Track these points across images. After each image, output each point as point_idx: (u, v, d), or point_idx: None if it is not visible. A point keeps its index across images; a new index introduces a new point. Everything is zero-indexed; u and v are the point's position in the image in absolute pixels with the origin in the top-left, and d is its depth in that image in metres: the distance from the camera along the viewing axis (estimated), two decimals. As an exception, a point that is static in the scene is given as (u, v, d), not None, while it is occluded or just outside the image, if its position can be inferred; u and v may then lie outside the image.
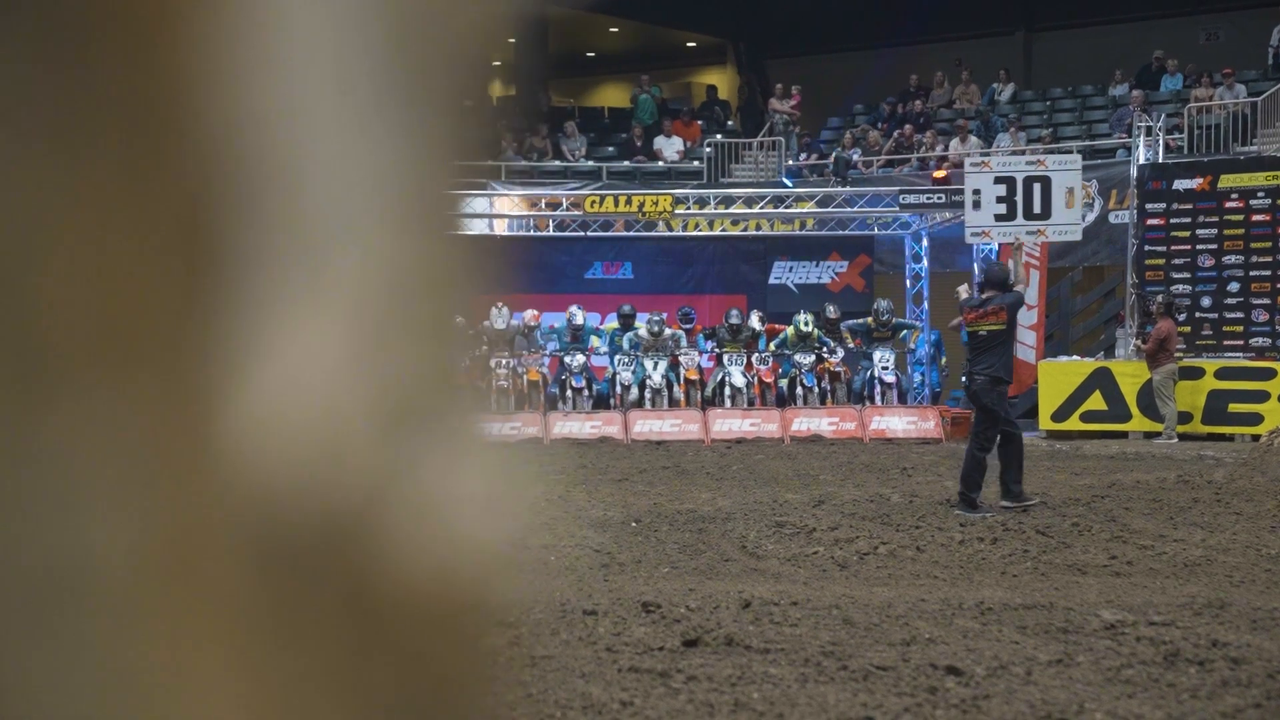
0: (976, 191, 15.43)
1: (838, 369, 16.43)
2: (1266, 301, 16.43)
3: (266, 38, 0.53)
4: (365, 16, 0.55)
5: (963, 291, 14.18)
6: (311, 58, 0.54)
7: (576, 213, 17.37)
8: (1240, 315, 16.54)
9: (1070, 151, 19.79)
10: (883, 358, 16.35)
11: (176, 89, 0.52)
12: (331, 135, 0.55)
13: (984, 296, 9.31)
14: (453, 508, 0.56)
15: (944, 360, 18.63)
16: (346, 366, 0.54)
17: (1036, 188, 15.30)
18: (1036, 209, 15.19)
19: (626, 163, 22.12)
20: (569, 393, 16.32)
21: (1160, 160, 17.51)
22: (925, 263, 18.16)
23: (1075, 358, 16.80)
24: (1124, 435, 15.45)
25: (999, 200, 15.28)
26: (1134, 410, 15.59)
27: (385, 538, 0.54)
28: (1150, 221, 17.04)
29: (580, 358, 16.41)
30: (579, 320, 16.60)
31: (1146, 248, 16.99)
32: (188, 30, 0.52)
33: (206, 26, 0.52)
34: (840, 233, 18.23)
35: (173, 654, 0.51)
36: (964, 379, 9.12)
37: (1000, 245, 15.74)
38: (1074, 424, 15.69)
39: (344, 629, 0.54)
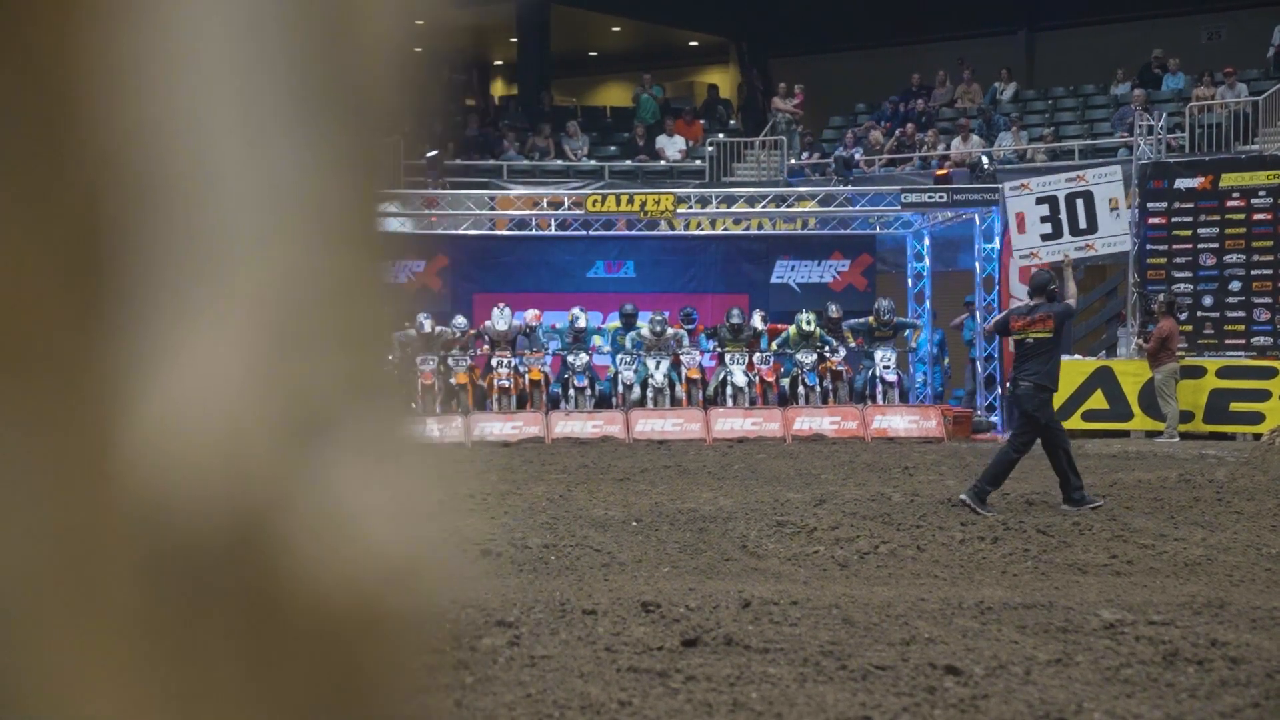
0: (1019, 215, 15.35)
1: (839, 368, 16.43)
2: (1268, 300, 16.42)
3: (167, 47, 0.53)
4: (272, 26, 0.54)
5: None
6: (214, 67, 0.54)
7: (578, 212, 17.38)
8: (1242, 314, 16.53)
9: (1072, 152, 19.82)
10: (884, 357, 16.35)
11: (72, 98, 0.51)
12: (237, 144, 0.54)
13: (1032, 304, 9.29)
14: (360, 516, 0.55)
15: (946, 361, 18.64)
16: (249, 376, 0.53)
17: (1079, 203, 15.26)
18: (1082, 224, 15.14)
19: (628, 162, 22.13)
20: (571, 392, 16.33)
21: (1162, 159, 17.50)
22: (927, 262, 18.16)
23: (1077, 357, 16.79)
24: (1126, 434, 15.45)
25: (1043, 220, 15.23)
26: (1136, 409, 15.59)
27: (288, 547, 0.53)
28: (1152, 220, 17.03)
29: (583, 357, 16.42)
30: (581, 323, 16.61)
31: (1148, 246, 16.98)
32: (83, 40, 0.51)
33: (103, 36, 0.52)
34: (842, 232, 18.23)
35: (66, 665, 0.51)
36: (1009, 384, 9.08)
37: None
38: (1076, 423, 15.68)
39: (246, 639, 0.53)
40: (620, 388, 16.34)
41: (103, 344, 0.52)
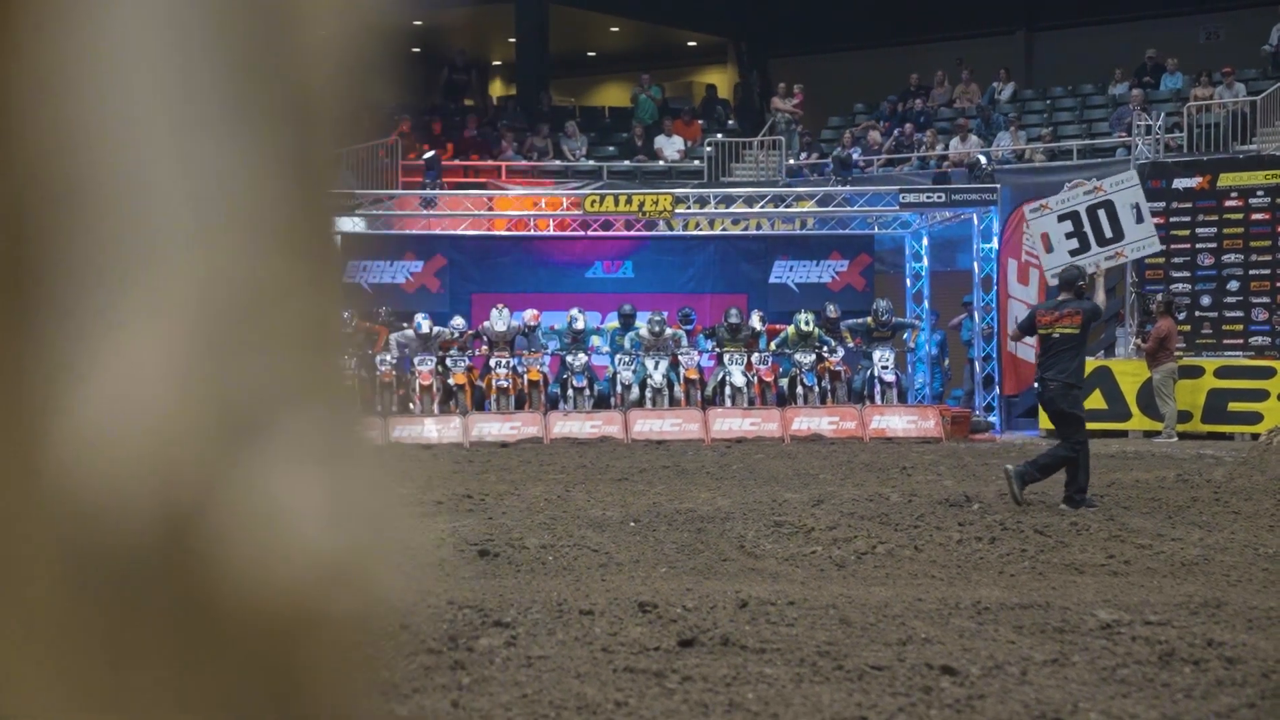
0: (1044, 235, 15.31)
1: (838, 368, 16.44)
2: (1266, 300, 16.43)
3: (95, 50, 0.52)
4: (203, 27, 0.54)
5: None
6: (144, 69, 0.53)
7: (577, 212, 17.38)
8: (1240, 314, 16.54)
9: (1070, 152, 19.83)
10: (883, 357, 16.35)
11: None
12: (167, 147, 0.54)
13: (1060, 299, 9.26)
14: (293, 518, 0.55)
15: (946, 362, 18.65)
16: (179, 378, 0.53)
17: (1101, 214, 15.25)
18: (1108, 234, 15.13)
19: (627, 162, 22.13)
20: (570, 392, 16.33)
21: (1160, 159, 17.50)
22: (925, 262, 18.17)
23: (1075, 357, 16.77)
24: (1124, 434, 15.46)
25: (1068, 236, 15.20)
26: (1134, 409, 15.60)
27: (217, 549, 0.53)
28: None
29: (582, 357, 16.42)
30: (580, 325, 16.61)
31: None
32: (8, 43, 0.51)
33: (29, 39, 0.51)
34: (841, 232, 18.24)
35: None
36: (1036, 385, 9.05)
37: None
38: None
39: (174, 640, 0.53)
40: (619, 388, 16.35)
41: (31, 347, 0.52)
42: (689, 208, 17.63)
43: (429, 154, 19.36)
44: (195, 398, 0.53)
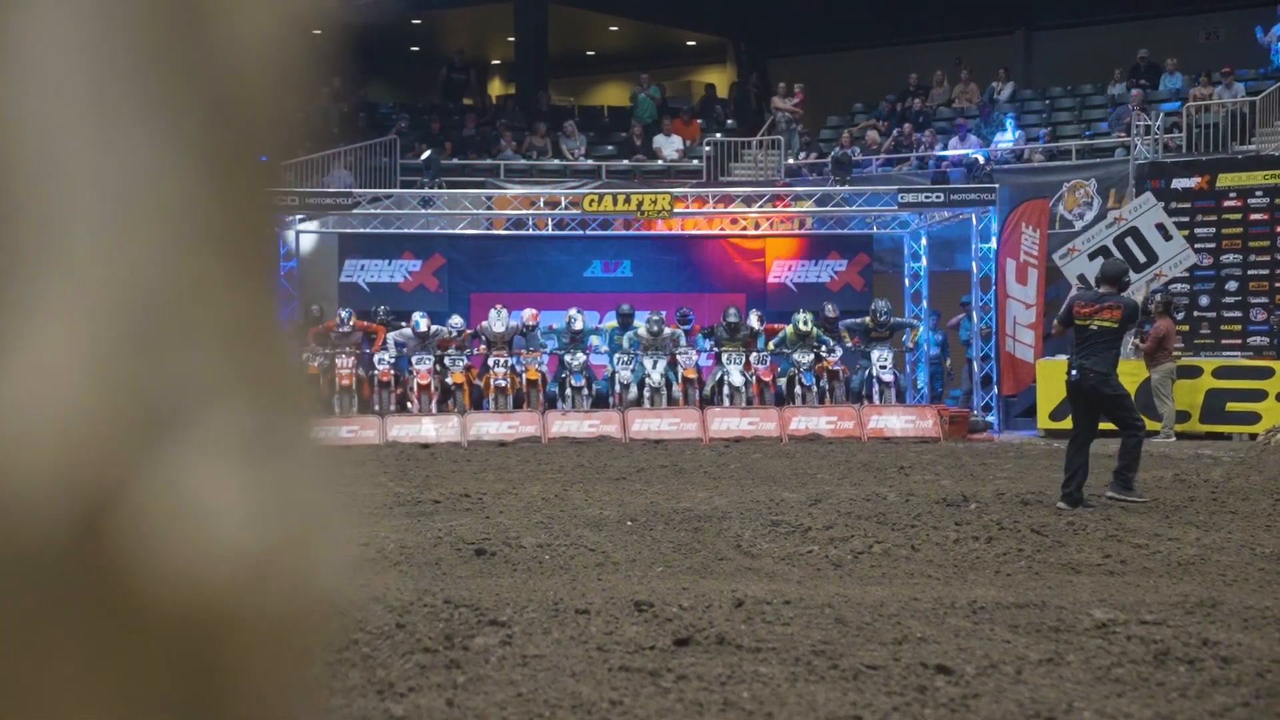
0: (1080, 277, 15.31)
1: (836, 368, 16.44)
2: (1264, 300, 16.44)
3: (13, 43, 0.52)
4: (124, 21, 0.54)
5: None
6: (63, 63, 0.53)
7: (575, 211, 17.39)
8: (1238, 314, 16.55)
9: (1069, 152, 19.84)
10: (881, 357, 16.36)
11: None
12: (86, 140, 0.54)
13: (1100, 291, 9.20)
14: (211, 514, 0.54)
15: (948, 362, 18.66)
16: (93, 372, 0.53)
17: (1130, 241, 15.30)
18: (1141, 258, 15.16)
19: (626, 161, 22.13)
20: (568, 391, 16.33)
21: (1159, 159, 17.50)
22: (924, 261, 18.17)
23: (1074, 357, 16.78)
24: (1102, 432, 15.43)
25: None
26: (1132, 409, 15.58)
27: (129, 545, 0.53)
28: (1148, 220, 17.01)
29: (580, 356, 16.43)
30: (578, 325, 16.62)
31: (1145, 246, 16.97)
32: None
33: None
34: (839, 231, 18.24)
35: None
36: (1073, 372, 8.99)
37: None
38: (1071, 423, 15.67)
39: (85, 637, 0.53)
40: (617, 387, 16.35)
41: None
42: (688, 207, 17.63)
43: (427, 153, 19.36)
44: (111, 393, 0.53)
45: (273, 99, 0.58)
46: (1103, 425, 15.41)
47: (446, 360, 16.34)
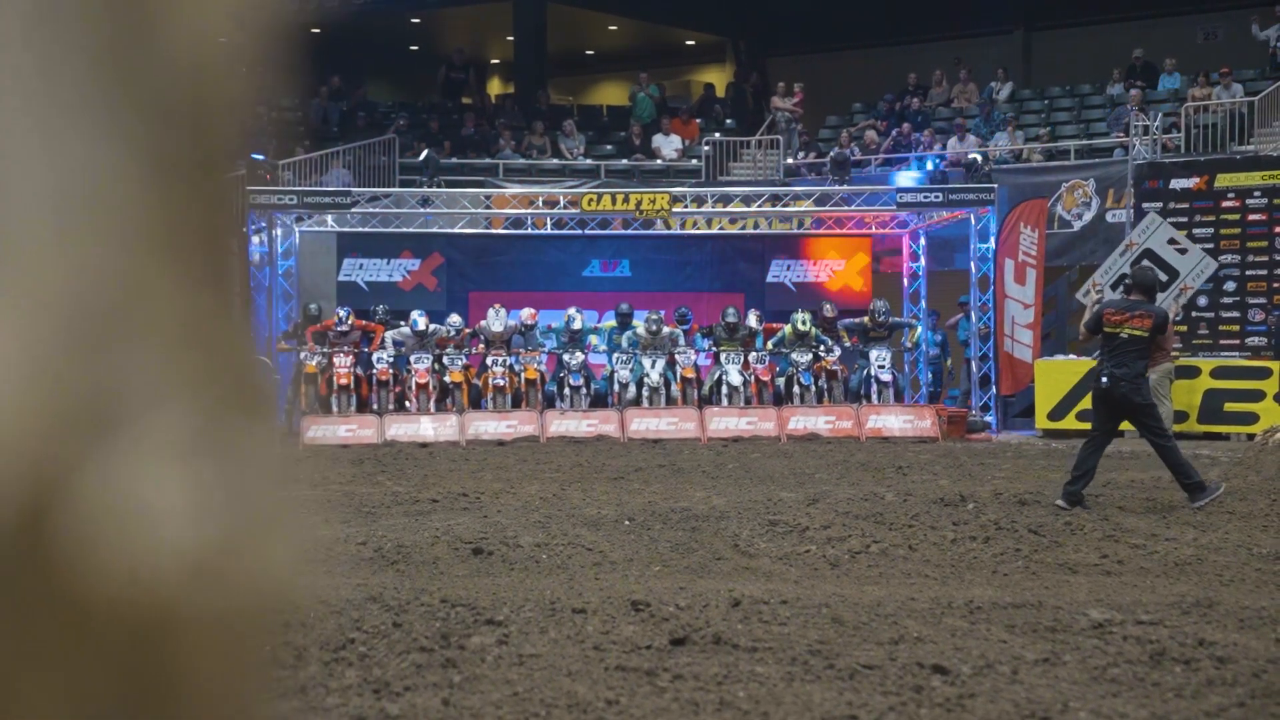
0: (1098, 304, 15.36)
1: (835, 367, 16.44)
2: (1262, 301, 16.44)
3: None
4: (67, 22, 0.53)
5: (1093, 292, 14.04)
6: (10, 64, 0.53)
7: (574, 211, 17.38)
8: (1236, 315, 16.56)
9: (1068, 152, 19.83)
10: (879, 356, 16.36)
11: None
12: (28, 141, 0.53)
13: (1131, 299, 9.18)
14: (153, 514, 0.54)
15: (949, 361, 18.67)
16: (34, 371, 0.53)
17: (1146, 263, 15.35)
18: (1163, 277, 15.20)
19: (625, 161, 22.13)
20: (566, 391, 16.33)
21: (1157, 159, 17.51)
22: (923, 261, 18.17)
23: (1072, 356, 16.81)
24: (1120, 434, 15.44)
25: None
26: (1130, 409, 15.58)
27: (69, 543, 0.53)
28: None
29: (579, 356, 16.43)
30: (577, 325, 16.62)
31: (1143, 246, 16.97)
32: None
33: None
34: (838, 231, 18.24)
35: None
36: (1104, 379, 8.96)
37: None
38: (1070, 423, 15.70)
39: (27, 636, 0.52)
40: (616, 387, 16.35)
41: None
42: (686, 207, 17.63)
43: (425, 153, 19.36)
44: (52, 393, 0.53)
45: (224, 101, 0.58)
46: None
47: (445, 359, 16.34)
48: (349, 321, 16.42)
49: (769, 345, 16.69)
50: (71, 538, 0.53)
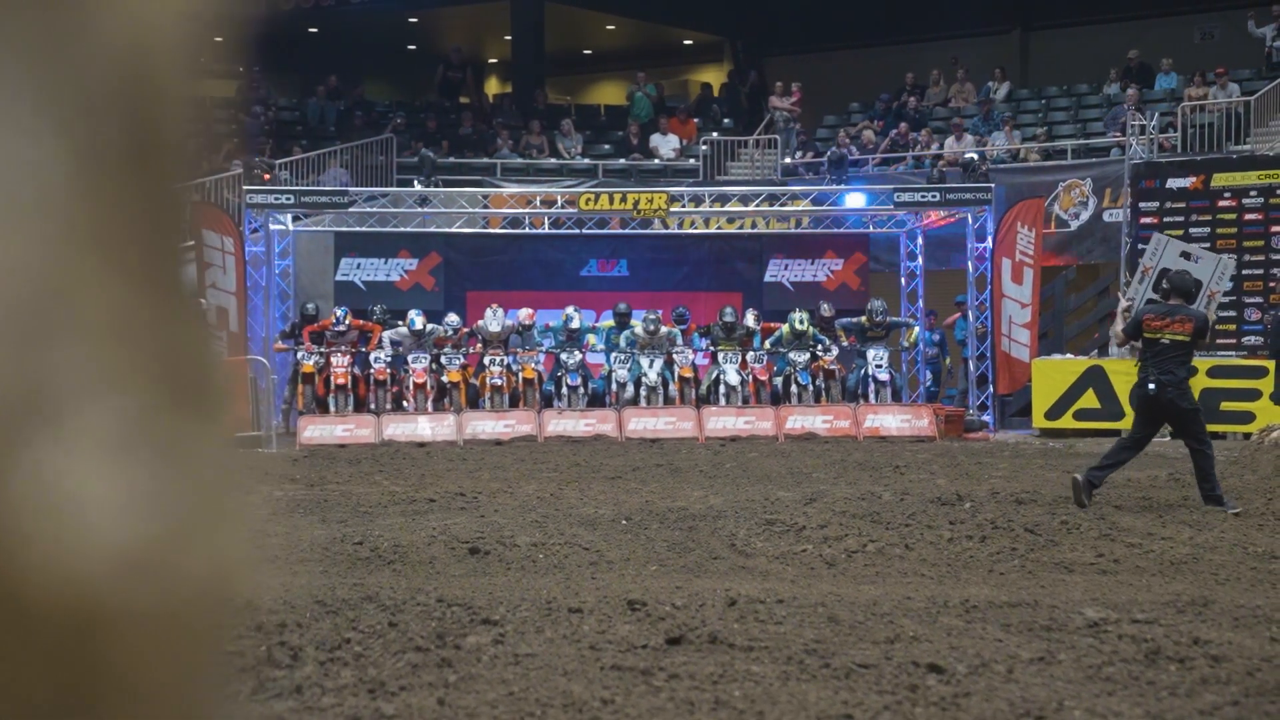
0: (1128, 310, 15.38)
1: (832, 367, 16.45)
2: (1259, 300, 16.45)
3: None
4: None
5: (1123, 300, 14.07)
6: None
7: (572, 210, 17.39)
8: (1233, 314, 16.56)
9: (1065, 152, 19.84)
10: (877, 356, 16.37)
11: None
12: None
13: (1170, 305, 9.14)
14: (86, 509, 0.54)
15: (947, 360, 18.68)
16: None
17: (1165, 284, 15.40)
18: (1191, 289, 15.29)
19: (622, 160, 22.14)
20: (564, 390, 16.34)
21: (1154, 159, 17.52)
22: (920, 260, 18.18)
23: (1069, 356, 16.83)
24: (1117, 433, 15.45)
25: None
26: (1127, 408, 15.57)
27: (2, 539, 0.52)
28: (1144, 220, 17.07)
29: (576, 355, 16.43)
30: (575, 324, 16.63)
31: (1140, 246, 17.01)
32: None
33: None
34: (836, 231, 18.25)
35: None
36: (1151, 386, 8.93)
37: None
38: (1067, 422, 15.72)
39: None
40: (613, 386, 16.36)
41: None
42: (684, 206, 17.64)
43: (421, 153, 19.35)
44: None
45: (161, 93, 0.57)
46: (1096, 425, 15.46)
47: (443, 359, 16.34)
48: (346, 321, 16.42)
49: (766, 345, 16.69)
50: (2, 532, 0.53)
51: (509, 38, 26.45)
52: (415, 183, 18.22)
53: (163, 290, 0.58)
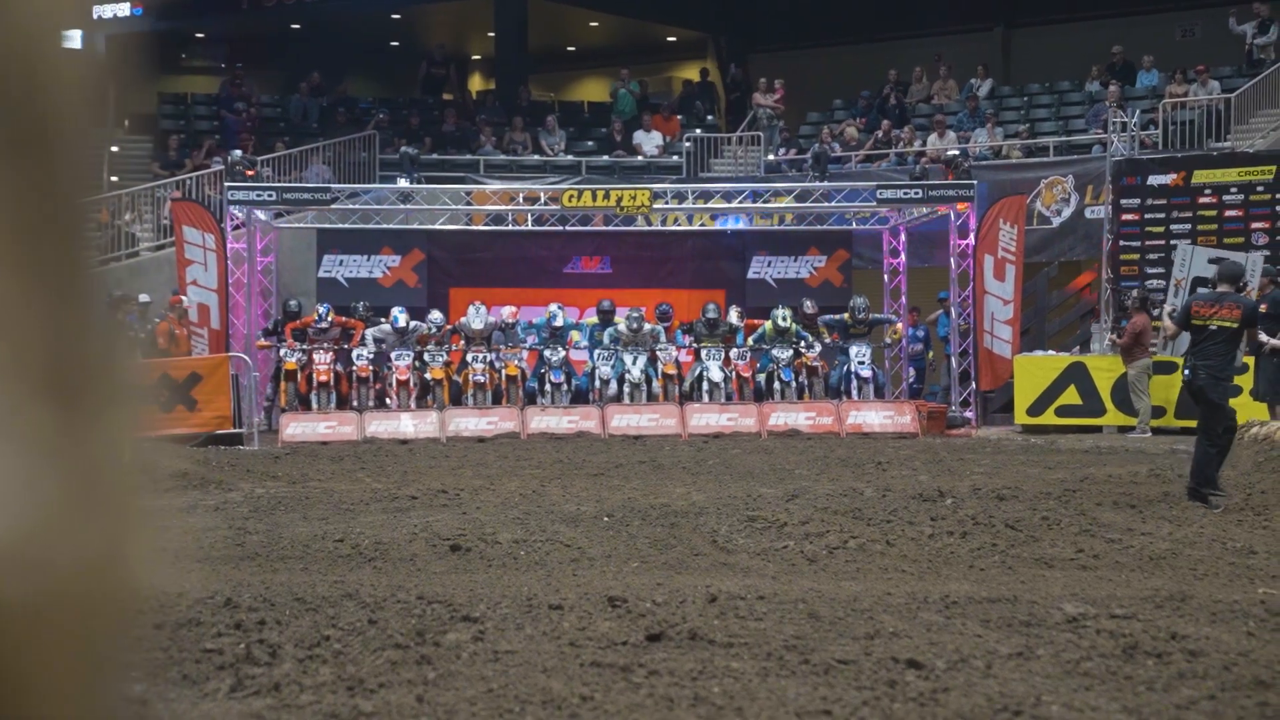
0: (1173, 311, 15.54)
1: (815, 364, 16.47)
2: (1239, 296, 16.52)
3: None
4: None
5: (1167, 307, 14.14)
6: None
7: (555, 207, 17.36)
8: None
9: (1048, 148, 19.91)
10: (859, 353, 16.40)
11: None
12: None
13: (1219, 292, 9.11)
14: None
15: (930, 355, 18.73)
16: None
17: (1220, 265, 15.57)
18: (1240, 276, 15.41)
19: (606, 157, 22.12)
20: (547, 387, 16.32)
21: (1135, 156, 17.59)
22: (903, 257, 18.22)
23: (1051, 352, 16.89)
24: (1098, 429, 15.53)
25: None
26: (1108, 404, 15.68)
27: None
28: (1125, 217, 17.14)
29: (560, 352, 16.42)
30: (559, 322, 16.62)
31: (1121, 243, 17.09)
32: None
33: None
34: (818, 227, 18.27)
35: None
36: (1187, 371, 8.95)
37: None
38: (1049, 418, 15.78)
39: None
40: (597, 383, 16.35)
41: None
42: (667, 203, 17.64)
43: (403, 150, 19.30)
44: None
45: (54, 95, 0.57)
46: (1077, 421, 15.52)
47: (426, 356, 16.31)
48: (329, 318, 16.38)
49: (750, 341, 16.71)
50: None
51: (492, 34, 26.39)
52: (399, 179, 18.17)
53: (50, 286, 0.57)
